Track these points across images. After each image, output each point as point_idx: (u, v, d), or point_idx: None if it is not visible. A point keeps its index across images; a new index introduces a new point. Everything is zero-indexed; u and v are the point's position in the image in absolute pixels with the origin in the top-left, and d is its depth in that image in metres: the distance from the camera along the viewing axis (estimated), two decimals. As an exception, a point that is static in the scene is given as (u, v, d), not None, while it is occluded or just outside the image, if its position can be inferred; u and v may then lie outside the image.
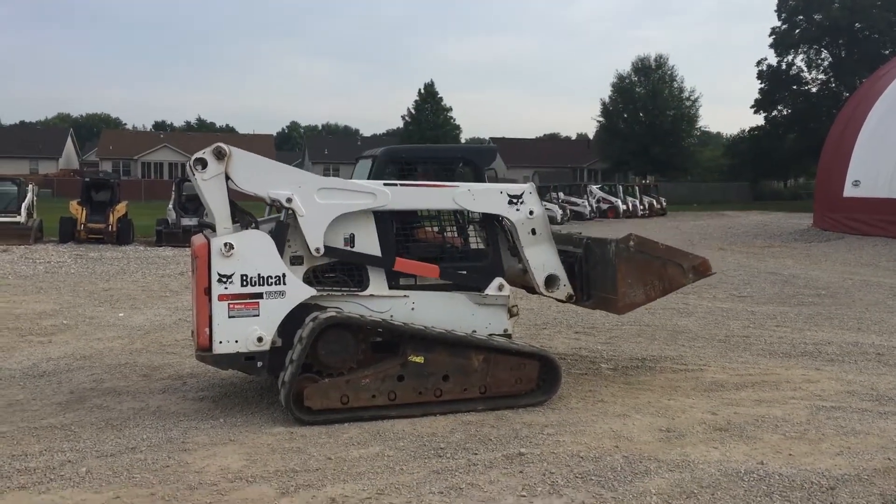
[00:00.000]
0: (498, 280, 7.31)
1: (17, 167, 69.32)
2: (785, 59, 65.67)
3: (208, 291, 6.55)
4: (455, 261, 7.34)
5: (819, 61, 65.63)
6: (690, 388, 7.65)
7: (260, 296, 6.63)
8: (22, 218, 23.94)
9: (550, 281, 7.54)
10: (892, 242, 23.62)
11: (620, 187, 46.88)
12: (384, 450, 5.93)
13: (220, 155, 6.67)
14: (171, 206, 25.03)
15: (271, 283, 6.66)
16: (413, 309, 7.12)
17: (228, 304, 6.57)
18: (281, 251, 6.77)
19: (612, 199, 43.96)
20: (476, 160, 7.84)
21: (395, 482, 5.29)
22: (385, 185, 7.10)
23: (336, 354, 6.68)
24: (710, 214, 45.65)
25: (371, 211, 7.00)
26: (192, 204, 25.25)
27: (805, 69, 66.11)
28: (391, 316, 6.98)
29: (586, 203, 41.39)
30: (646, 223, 38.43)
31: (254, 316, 6.63)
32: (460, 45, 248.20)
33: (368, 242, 7.03)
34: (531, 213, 7.38)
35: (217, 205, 6.71)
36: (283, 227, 6.85)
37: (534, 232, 7.42)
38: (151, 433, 6.36)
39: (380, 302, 7.05)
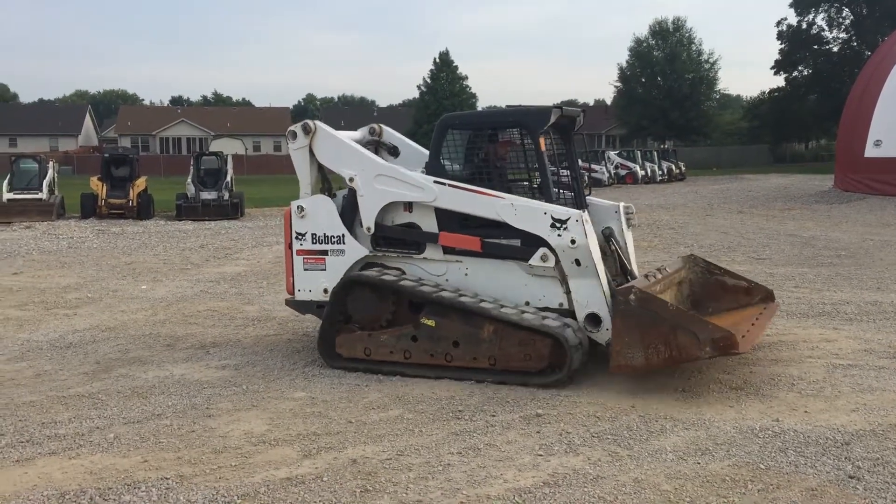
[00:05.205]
0: (542, 250, 6.84)
1: (38, 145, 69.91)
2: (805, 19, 64.59)
3: (290, 246, 7.72)
4: (498, 230, 7.09)
5: (840, 20, 64.45)
6: (707, 349, 7.66)
7: (326, 252, 7.62)
8: (44, 195, 24.19)
9: (592, 320, 6.76)
10: (914, 202, 23.40)
11: (638, 153, 46.52)
12: (404, 413, 6.04)
13: (306, 130, 7.66)
14: (189, 180, 25.15)
15: (334, 241, 7.59)
16: (466, 275, 7.25)
17: (304, 258, 7.69)
18: (353, 214, 7.56)
19: (631, 164, 43.63)
20: (528, 124, 7.31)
21: (414, 443, 5.40)
22: (435, 182, 7.22)
23: (360, 310, 7.21)
24: (729, 178, 45.32)
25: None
26: (211, 178, 25.41)
27: (826, 28, 65.03)
28: (447, 280, 7.26)
29: (604, 169, 41.13)
30: (665, 188, 38.23)
31: (321, 270, 7.61)
32: (475, 12, 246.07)
33: (425, 217, 7.36)
34: (573, 242, 6.71)
35: (301, 172, 7.76)
36: (353, 194, 7.57)
37: (578, 263, 6.75)
38: (176, 400, 6.51)
39: (435, 265, 7.36)
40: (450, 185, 7.20)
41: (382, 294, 7.15)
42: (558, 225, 6.78)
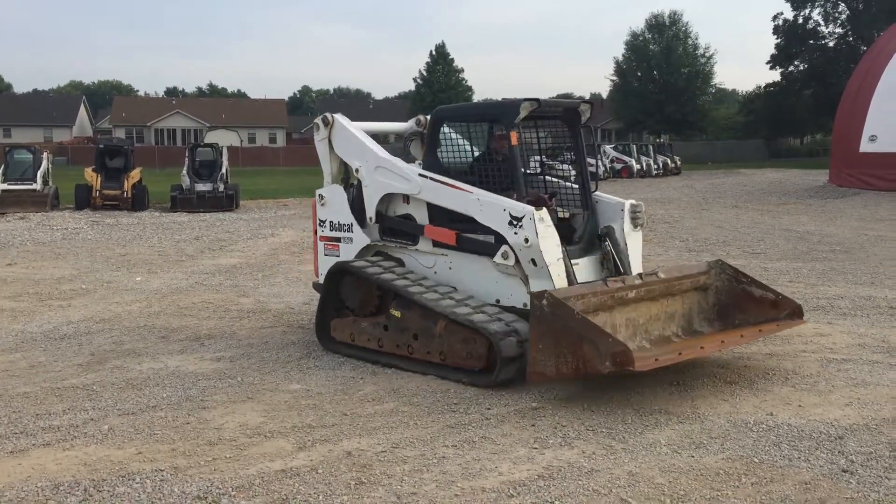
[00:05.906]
0: (504, 247, 6.68)
1: (32, 135, 69.66)
2: (801, 13, 64.60)
3: (315, 232, 8.22)
4: (471, 225, 6.99)
5: (836, 15, 64.47)
6: (702, 343, 7.68)
7: (339, 240, 8.01)
8: (38, 185, 24.13)
9: None
10: (908, 197, 23.46)
11: (634, 147, 46.54)
12: (399, 406, 6.04)
13: (325, 122, 8.00)
14: (184, 171, 25.10)
15: (345, 230, 7.95)
16: (450, 268, 7.28)
17: (324, 244, 8.14)
18: (361, 204, 7.78)
19: (626, 158, 43.65)
20: (500, 117, 7.21)
21: (409, 436, 5.40)
22: (419, 175, 7.29)
23: (347, 295, 7.55)
24: (724, 172, 45.38)
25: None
26: (206, 170, 25.37)
27: (822, 23, 65.06)
28: (435, 272, 7.34)
29: (599, 163, 41.10)
30: (660, 182, 38.27)
31: (336, 256, 7.96)
32: (471, 5, 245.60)
33: (418, 209, 7.44)
34: (526, 241, 6.50)
35: (323, 162, 8.13)
36: (360, 185, 7.83)
37: (534, 263, 6.55)
38: (171, 392, 6.50)
39: (426, 257, 7.45)
40: (430, 178, 7.21)
41: (357, 279, 7.38)
42: (515, 222, 6.58)
